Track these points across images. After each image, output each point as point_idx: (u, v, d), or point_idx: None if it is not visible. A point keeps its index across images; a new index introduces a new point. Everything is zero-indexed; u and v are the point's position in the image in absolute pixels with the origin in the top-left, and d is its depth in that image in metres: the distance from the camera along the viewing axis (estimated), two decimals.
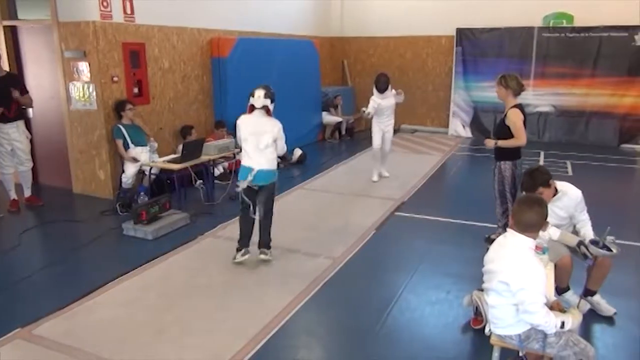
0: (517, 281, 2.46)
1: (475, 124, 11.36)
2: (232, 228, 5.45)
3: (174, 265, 4.73)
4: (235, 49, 8.10)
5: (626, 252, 4.92)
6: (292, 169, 8.39)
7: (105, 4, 6.23)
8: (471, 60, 11.21)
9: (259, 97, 4.50)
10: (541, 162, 8.76)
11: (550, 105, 10.79)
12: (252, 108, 4.55)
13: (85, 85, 6.38)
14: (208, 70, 8.10)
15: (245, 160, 4.57)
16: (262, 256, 4.69)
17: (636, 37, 10.01)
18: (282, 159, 8.56)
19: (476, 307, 3.48)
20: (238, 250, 4.69)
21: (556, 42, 10.52)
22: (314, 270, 4.54)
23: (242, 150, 4.65)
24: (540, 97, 10.80)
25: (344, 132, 11.20)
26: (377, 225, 5.73)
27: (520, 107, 4.69)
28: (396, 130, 12.15)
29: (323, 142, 10.93)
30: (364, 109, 7.30)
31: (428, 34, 11.75)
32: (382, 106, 7.18)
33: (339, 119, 11.08)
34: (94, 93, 6.34)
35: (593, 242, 3.38)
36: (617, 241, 4.24)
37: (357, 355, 3.36)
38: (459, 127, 11.64)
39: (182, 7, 7.44)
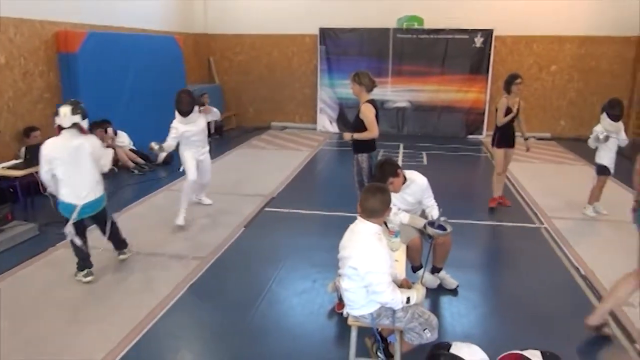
0: (365, 265, 2.62)
1: (342, 120, 11.87)
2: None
3: (20, 281, 4.25)
4: (85, 44, 7.49)
5: (469, 230, 5.55)
6: (158, 171, 8.03)
7: None
8: (334, 59, 11.67)
9: (65, 116, 3.94)
10: (401, 154, 9.44)
11: (407, 100, 11.67)
12: (60, 129, 4.00)
13: None
14: (55, 67, 7.40)
15: (65, 195, 4.05)
16: (122, 256, 4.52)
17: (476, 39, 11.21)
18: (147, 160, 8.17)
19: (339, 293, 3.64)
20: (80, 270, 4.25)
21: (409, 43, 11.39)
22: (180, 273, 4.40)
23: (57, 182, 4.05)
24: (398, 93, 11.63)
25: (212, 130, 10.94)
26: (247, 222, 5.72)
27: (372, 102, 4.95)
28: (266, 128, 12.29)
29: None
30: (153, 144, 5.30)
31: (293, 33, 11.98)
32: (189, 133, 5.49)
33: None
34: None
35: (429, 223, 3.70)
36: (465, 221, 4.71)
37: (225, 354, 3.32)
38: (327, 123, 12.08)
39: None
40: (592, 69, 11.13)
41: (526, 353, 2.91)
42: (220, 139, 10.90)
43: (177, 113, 5.45)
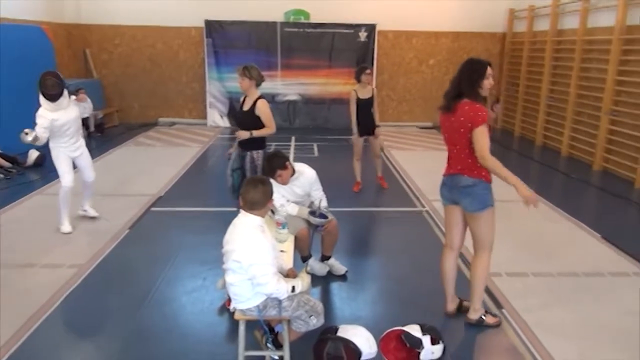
0: (247, 258, 2.60)
1: (232, 114, 11.68)
2: None
3: None
4: None
5: (357, 217, 5.76)
6: (28, 173, 7.32)
7: None
8: (222, 52, 11.44)
9: None
10: (292, 146, 9.53)
11: (297, 94, 11.80)
12: None
13: None
14: None
15: None
16: None
17: (360, 34, 11.62)
18: (14, 163, 7.41)
19: None
20: None
21: (297, 37, 11.50)
22: (54, 284, 4.04)
23: None
24: (288, 86, 11.72)
25: (92, 128, 10.19)
26: (131, 223, 5.42)
27: (263, 97, 4.70)
28: (153, 124, 11.73)
29: None
30: (26, 132, 4.65)
31: (177, 25, 11.53)
32: (59, 122, 4.81)
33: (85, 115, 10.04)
34: None
35: (311, 212, 3.77)
36: (354, 208, 4.84)
37: None
38: (217, 118, 11.83)
39: None
40: None
41: (407, 328, 3.11)
42: (102, 137, 10.20)
43: (43, 99, 4.77)
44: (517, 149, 9.41)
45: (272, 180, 3.78)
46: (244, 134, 4.57)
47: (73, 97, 5.02)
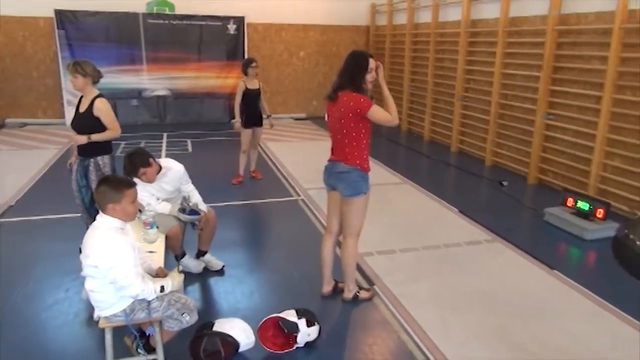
0: (105, 261, 2.43)
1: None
2: None
3: None
4: None
5: (234, 210, 5.70)
6: None
7: None
8: (78, 45, 10.49)
9: None
10: (164, 143, 9.11)
11: (167, 88, 11.28)
12: None
13: None
14: None
15: None
16: None
17: (229, 26, 11.44)
18: None
19: None
20: None
21: (162, 29, 10.97)
22: None
23: None
24: (156, 81, 11.16)
25: None
26: None
27: (103, 95, 4.14)
28: (1, 126, 10.44)
29: None
30: None
31: (21, 15, 10.34)
32: None
33: None
34: None
35: (180, 209, 3.64)
36: (231, 202, 4.74)
37: None
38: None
39: None
40: (333, 54, 12.43)
41: (283, 314, 3.15)
42: None
43: None
44: (385, 135, 9.98)
45: (137, 180, 3.61)
46: (80, 139, 3.95)
47: None
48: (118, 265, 2.43)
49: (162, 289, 2.62)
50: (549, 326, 3.43)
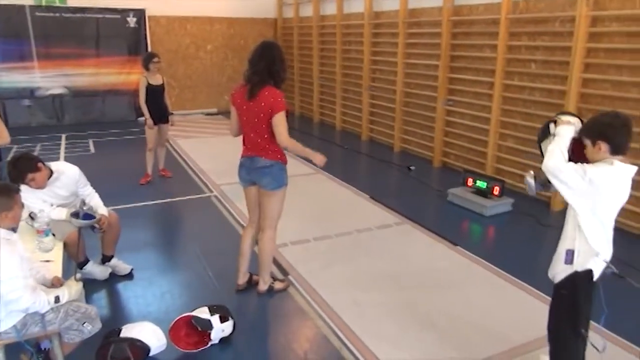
0: None
1: None
2: None
3: None
4: None
5: (143, 211, 5.46)
6: None
7: None
8: None
9: None
10: (63, 145, 8.51)
11: (63, 86, 10.53)
12: None
13: None
14: None
15: None
16: None
17: (129, 19, 10.88)
18: None
19: None
20: None
21: (54, 22, 10.19)
22: None
23: None
24: (50, 79, 10.38)
25: None
26: None
27: None
28: None
29: None
30: None
31: None
32: None
33: None
34: None
35: (73, 214, 3.41)
36: (138, 203, 4.48)
37: None
38: None
39: None
40: (242, 47, 12.25)
41: (195, 312, 3.09)
42: None
43: None
44: (298, 127, 10.04)
45: (25, 186, 3.34)
46: None
47: None
48: (3, 279, 2.23)
49: (57, 299, 2.45)
50: (452, 297, 3.65)
